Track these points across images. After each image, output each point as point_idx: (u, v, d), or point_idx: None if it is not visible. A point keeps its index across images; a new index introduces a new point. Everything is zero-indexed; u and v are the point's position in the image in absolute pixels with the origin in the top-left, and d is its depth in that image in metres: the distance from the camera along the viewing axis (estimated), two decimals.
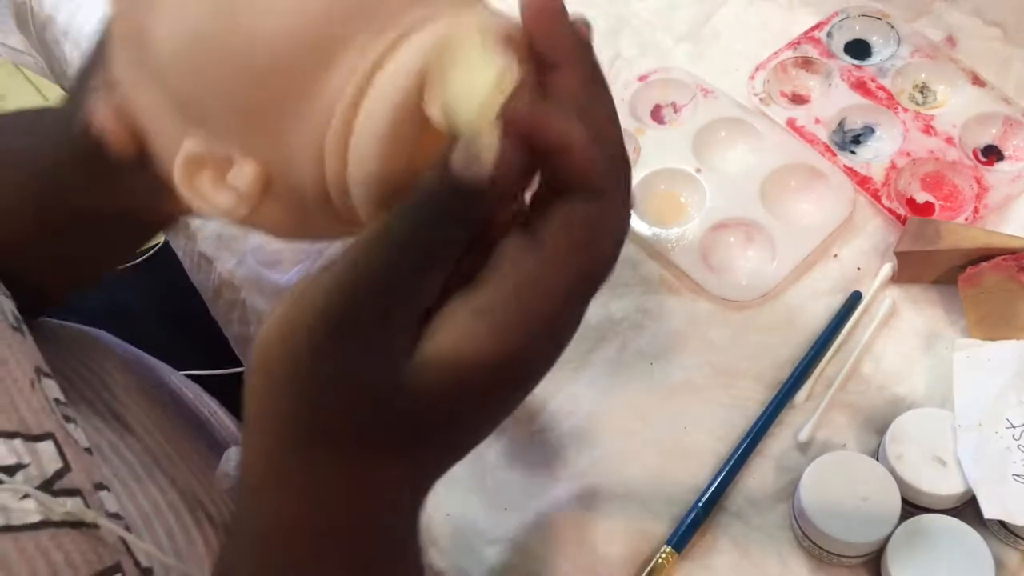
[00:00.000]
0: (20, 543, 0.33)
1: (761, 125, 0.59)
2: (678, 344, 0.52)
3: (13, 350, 0.40)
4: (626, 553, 0.47)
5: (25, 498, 0.34)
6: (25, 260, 0.47)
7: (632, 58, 0.64)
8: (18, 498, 0.34)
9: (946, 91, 0.60)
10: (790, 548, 0.47)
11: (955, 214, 0.55)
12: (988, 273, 0.49)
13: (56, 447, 0.37)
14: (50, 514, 0.35)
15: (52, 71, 0.81)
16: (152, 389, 0.58)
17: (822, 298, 0.53)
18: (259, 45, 0.29)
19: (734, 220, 0.56)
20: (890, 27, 0.62)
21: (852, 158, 0.57)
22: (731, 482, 0.48)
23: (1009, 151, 0.57)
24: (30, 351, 0.41)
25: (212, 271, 0.63)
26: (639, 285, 0.54)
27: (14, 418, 0.37)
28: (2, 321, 0.40)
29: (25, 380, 0.39)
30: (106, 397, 0.52)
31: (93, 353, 0.56)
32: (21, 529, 0.34)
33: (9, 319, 0.41)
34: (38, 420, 0.38)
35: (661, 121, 0.61)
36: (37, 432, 0.37)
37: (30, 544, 0.33)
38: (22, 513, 0.34)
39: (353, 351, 0.29)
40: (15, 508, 0.34)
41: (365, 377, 0.29)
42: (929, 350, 0.51)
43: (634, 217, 0.56)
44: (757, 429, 0.49)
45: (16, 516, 0.34)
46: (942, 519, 0.44)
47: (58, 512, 0.35)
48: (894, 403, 0.50)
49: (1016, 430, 0.45)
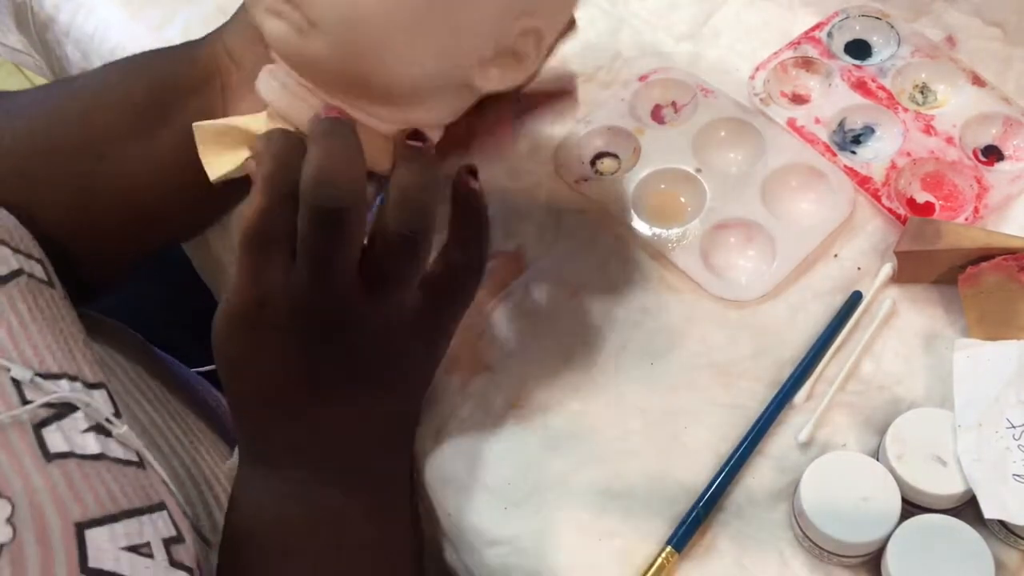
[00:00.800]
0: (83, 468, 0.37)
1: (761, 125, 0.59)
2: (678, 344, 0.52)
3: (67, 310, 0.45)
4: (626, 553, 0.47)
5: (86, 432, 0.39)
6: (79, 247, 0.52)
7: (632, 58, 0.64)
8: (80, 431, 0.39)
9: (946, 91, 0.60)
10: (790, 548, 0.47)
11: (955, 214, 0.55)
12: (988, 273, 0.49)
13: (108, 395, 0.42)
14: (107, 451, 0.39)
15: (52, 71, 0.81)
16: (167, 380, 0.60)
17: (822, 298, 0.53)
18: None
19: (734, 220, 0.56)
20: (890, 27, 0.62)
21: (852, 158, 0.57)
22: (731, 482, 0.48)
23: (1009, 151, 0.57)
24: (76, 317, 0.46)
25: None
26: (639, 285, 0.54)
27: (73, 366, 0.42)
28: (46, 285, 0.45)
29: (80, 336, 0.44)
30: (127, 382, 0.53)
31: (112, 340, 0.58)
32: (84, 458, 0.38)
33: (59, 286, 0.46)
34: (92, 370, 0.43)
35: (661, 121, 0.61)
36: (92, 380, 0.42)
37: (92, 471, 0.37)
38: (84, 444, 0.38)
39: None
40: (78, 440, 0.38)
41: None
42: (929, 350, 0.51)
43: (634, 217, 0.56)
44: (757, 429, 0.49)
45: (78, 446, 0.38)
46: (942, 519, 0.44)
47: (114, 450, 0.40)
48: (894, 403, 0.50)
49: (1016, 430, 0.45)
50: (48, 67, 0.81)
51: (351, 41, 0.38)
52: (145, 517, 0.38)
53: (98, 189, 0.51)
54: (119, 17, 0.71)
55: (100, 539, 0.35)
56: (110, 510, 0.36)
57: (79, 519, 0.35)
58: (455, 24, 0.39)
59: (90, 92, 0.52)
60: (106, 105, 0.50)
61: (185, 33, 0.69)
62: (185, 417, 0.55)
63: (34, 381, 0.38)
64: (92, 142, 0.50)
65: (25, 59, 0.83)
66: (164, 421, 0.52)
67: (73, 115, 0.51)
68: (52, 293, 0.44)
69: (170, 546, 0.38)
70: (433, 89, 0.42)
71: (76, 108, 0.51)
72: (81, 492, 0.36)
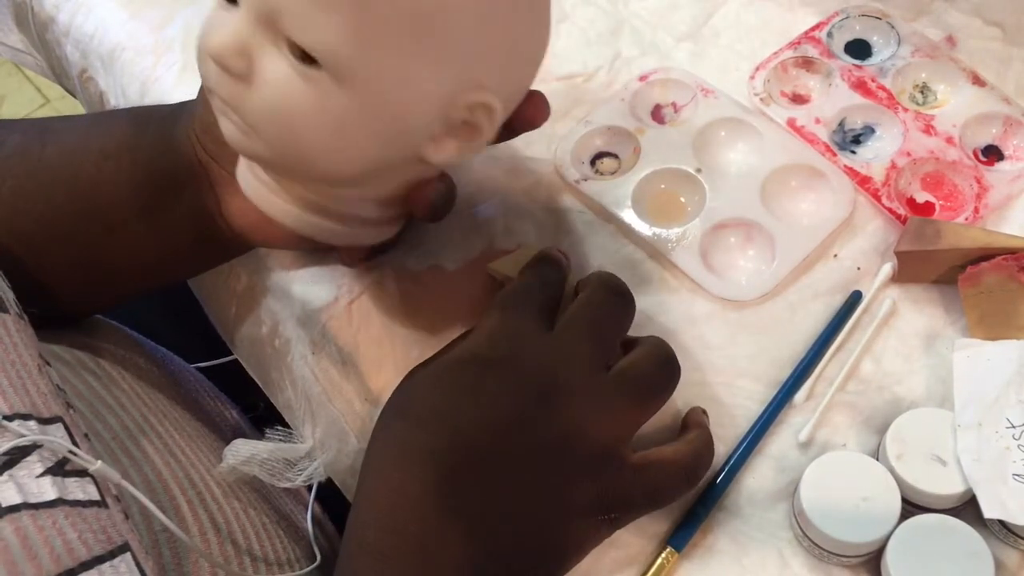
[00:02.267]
0: (38, 521, 0.34)
1: (761, 125, 0.59)
2: (677, 344, 0.52)
3: (21, 335, 0.41)
4: (626, 553, 0.47)
5: (42, 476, 0.35)
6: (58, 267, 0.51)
7: (632, 58, 0.64)
8: (35, 476, 0.35)
9: (946, 91, 0.60)
10: (790, 548, 0.47)
11: (955, 214, 0.55)
12: (988, 273, 0.49)
13: (66, 430, 0.39)
14: (64, 493, 0.36)
15: (52, 71, 0.81)
16: (154, 374, 0.59)
17: (822, 298, 0.53)
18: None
19: (734, 220, 0.56)
20: (890, 27, 0.62)
21: (852, 158, 0.57)
22: (731, 482, 0.48)
23: (1009, 151, 0.57)
24: (33, 338, 0.42)
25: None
26: (639, 285, 0.54)
27: (27, 401, 0.38)
28: (6, 310, 0.41)
29: (33, 364, 0.40)
30: (107, 380, 0.53)
31: (96, 336, 0.57)
32: (38, 507, 0.34)
33: (12, 308, 0.42)
34: (47, 403, 0.39)
35: (661, 121, 0.61)
36: (47, 415, 0.38)
37: (47, 521, 0.34)
38: (39, 491, 0.35)
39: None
40: (32, 487, 0.35)
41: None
42: (929, 350, 0.51)
43: (634, 217, 0.56)
44: (757, 429, 0.49)
45: (32, 494, 0.35)
46: (942, 519, 0.44)
47: (72, 491, 0.36)
48: (894, 403, 0.50)
49: (1016, 430, 0.45)
50: (48, 67, 0.81)
51: (287, 144, 0.39)
52: (106, 565, 0.35)
53: (104, 259, 0.51)
54: (119, 17, 0.71)
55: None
56: (67, 564, 0.34)
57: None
58: (389, 117, 0.39)
59: (88, 159, 0.50)
60: (110, 176, 0.50)
61: (185, 33, 0.69)
62: (179, 417, 0.55)
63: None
64: (99, 212, 0.50)
65: (25, 59, 0.83)
66: (147, 420, 0.51)
67: (75, 183, 0.50)
68: (3, 319, 0.41)
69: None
70: (384, 169, 0.42)
71: (76, 171, 0.50)
72: (36, 549, 0.33)
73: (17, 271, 0.46)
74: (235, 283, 0.61)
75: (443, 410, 0.42)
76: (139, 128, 0.51)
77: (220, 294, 0.62)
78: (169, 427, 0.52)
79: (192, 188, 0.49)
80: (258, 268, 0.59)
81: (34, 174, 0.50)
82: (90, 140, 0.51)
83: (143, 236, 0.50)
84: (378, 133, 0.39)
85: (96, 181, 0.50)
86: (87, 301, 0.55)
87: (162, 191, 0.50)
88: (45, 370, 0.41)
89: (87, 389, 0.50)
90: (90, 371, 0.52)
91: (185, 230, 0.50)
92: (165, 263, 0.53)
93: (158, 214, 0.50)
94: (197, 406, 0.61)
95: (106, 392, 0.51)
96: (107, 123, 0.52)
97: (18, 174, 0.50)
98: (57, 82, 0.82)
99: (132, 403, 0.52)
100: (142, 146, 0.50)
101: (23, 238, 0.50)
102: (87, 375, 0.52)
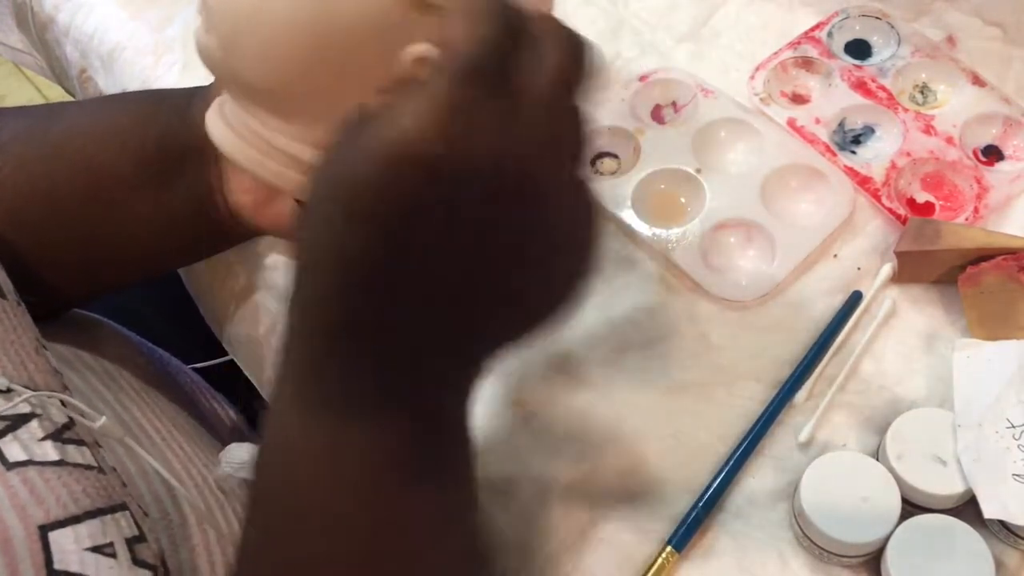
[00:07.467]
0: (44, 474, 0.37)
1: (761, 125, 0.59)
2: (678, 344, 0.52)
3: (19, 319, 0.44)
4: (626, 553, 0.47)
5: (44, 440, 0.38)
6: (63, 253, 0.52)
7: (632, 58, 0.64)
8: (37, 440, 0.38)
9: (946, 91, 0.60)
10: (790, 548, 0.47)
11: (955, 214, 0.55)
12: (988, 273, 0.49)
13: (62, 405, 0.41)
14: (66, 456, 0.38)
15: (52, 71, 0.81)
16: (153, 374, 0.59)
17: (822, 298, 0.53)
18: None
19: (734, 220, 0.56)
20: (890, 27, 0.62)
21: (852, 158, 0.57)
22: (731, 482, 0.48)
23: (1009, 151, 0.57)
24: (31, 323, 0.44)
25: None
26: (639, 285, 0.54)
27: (24, 375, 0.41)
28: (4, 296, 0.44)
29: (31, 346, 0.43)
30: (108, 378, 0.53)
31: (96, 336, 0.58)
32: (44, 464, 0.37)
33: (11, 295, 0.44)
34: (45, 380, 0.42)
35: (661, 121, 0.61)
36: (45, 390, 0.41)
37: (52, 475, 0.37)
38: (43, 452, 0.38)
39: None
40: (36, 449, 0.37)
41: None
42: (929, 350, 0.51)
43: (634, 217, 0.56)
44: (757, 429, 0.49)
45: (37, 455, 0.37)
46: (942, 519, 0.44)
47: (72, 455, 0.39)
48: (894, 403, 0.50)
49: (1016, 430, 0.45)
50: (48, 66, 0.81)
51: (232, 38, 0.39)
52: (108, 517, 0.37)
53: (103, 236, 0.51)
54: (119, 17, 0.71)
55: (64, 541, 0.35)
56: (72, 511, 0.36)
57: (42, 522, 0.35)
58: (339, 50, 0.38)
59: (95, 135, 0.51)
60: (113, 152, 0.50)
61: (185, 32, 0.69)
62: (178, 416, 0.55)
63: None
64: (101, 188, 0.50)
65: (26, 58, 0.83)
66: (146, 418, 0.52)
67: (79, 158, 0.50)
68: (3, 304, 0.44)
69: (133, 545, 0.38)
70: (335, 107, 0.39)
71: (79, 149, 0.51)
72: (42, 496, 0.35)
73: (17, 250, 0.47)
74: (233, 283, 0.61)
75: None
76: (156, 104, 0.52)
77: (218, 293, 0.62)
78: (169, 425, 0.52)
79: (197, 162, 0.50)
80: (257, 267, 0.59)
81: (38, 151, 0.51)
82: (100, 116, 0.52)
83: (143, 212, 0.50)
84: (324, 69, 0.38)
85: (99, 157, 0.50)
86: (83, 282, 0.55)
87: (168, 166, 0.50)
88: (43, 352, 0.42)
89: (87, 386, 0.51)
90: (90, 369, 0.52)
91: (185, 202, 0.50)
92: (164, 241, 0.53)
93: (160, 191, 0.50)
94: (195, 406, 0.61)
95: (106, 390, 0.51)
96: (122, 100, 0.53)
97: (22, 153, 0.51)
98: (57, 82, 0.82)
99: (132, 401, 0.52)
100: (158, 121, 0.50)
101: (23, 215, 0.50)
102: (87, 373, 0.52)
